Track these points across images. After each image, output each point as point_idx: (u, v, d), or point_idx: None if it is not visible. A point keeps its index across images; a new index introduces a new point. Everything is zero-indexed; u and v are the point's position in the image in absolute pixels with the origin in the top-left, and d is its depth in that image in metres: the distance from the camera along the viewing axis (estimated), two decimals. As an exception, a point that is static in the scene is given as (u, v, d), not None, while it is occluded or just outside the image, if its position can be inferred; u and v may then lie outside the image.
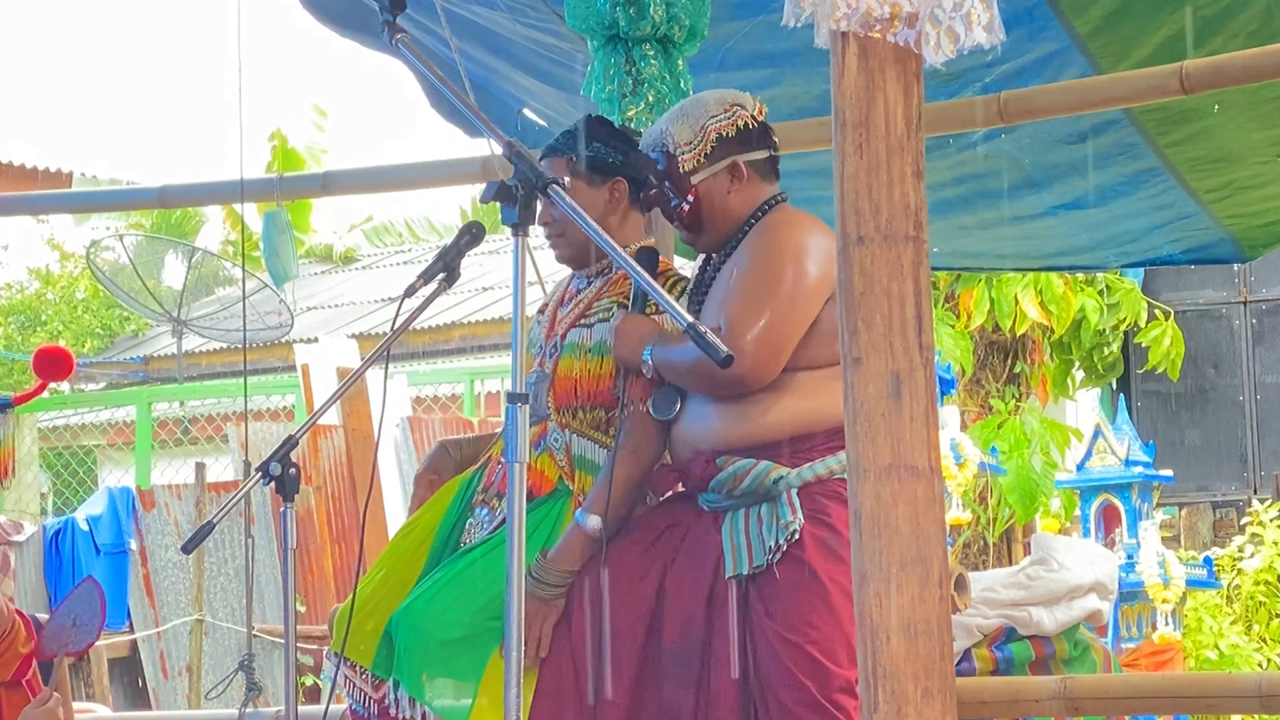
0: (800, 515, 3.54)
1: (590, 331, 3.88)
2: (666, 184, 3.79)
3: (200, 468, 10.22)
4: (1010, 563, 9.56)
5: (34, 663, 4.37)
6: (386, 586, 3.86)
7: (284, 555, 3.45)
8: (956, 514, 8.78)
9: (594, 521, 3.66)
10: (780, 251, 3.62)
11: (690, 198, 3.76)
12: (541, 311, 4.10)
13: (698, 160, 3.75)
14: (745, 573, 3.55)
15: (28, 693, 4.34)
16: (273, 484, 3.43)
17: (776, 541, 3.53)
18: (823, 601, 3.50)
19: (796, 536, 3.52)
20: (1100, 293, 10.50)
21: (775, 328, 3.56)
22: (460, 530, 3.94)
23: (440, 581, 3.77)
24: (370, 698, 3.78)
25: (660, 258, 3.96)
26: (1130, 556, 8.49)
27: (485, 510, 3.92)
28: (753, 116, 3.78)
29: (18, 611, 4.42)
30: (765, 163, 3.80)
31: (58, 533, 10.37)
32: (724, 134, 3.75)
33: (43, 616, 4.50)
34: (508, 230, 3.02)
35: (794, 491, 3.56)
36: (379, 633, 3.77)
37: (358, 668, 3.80)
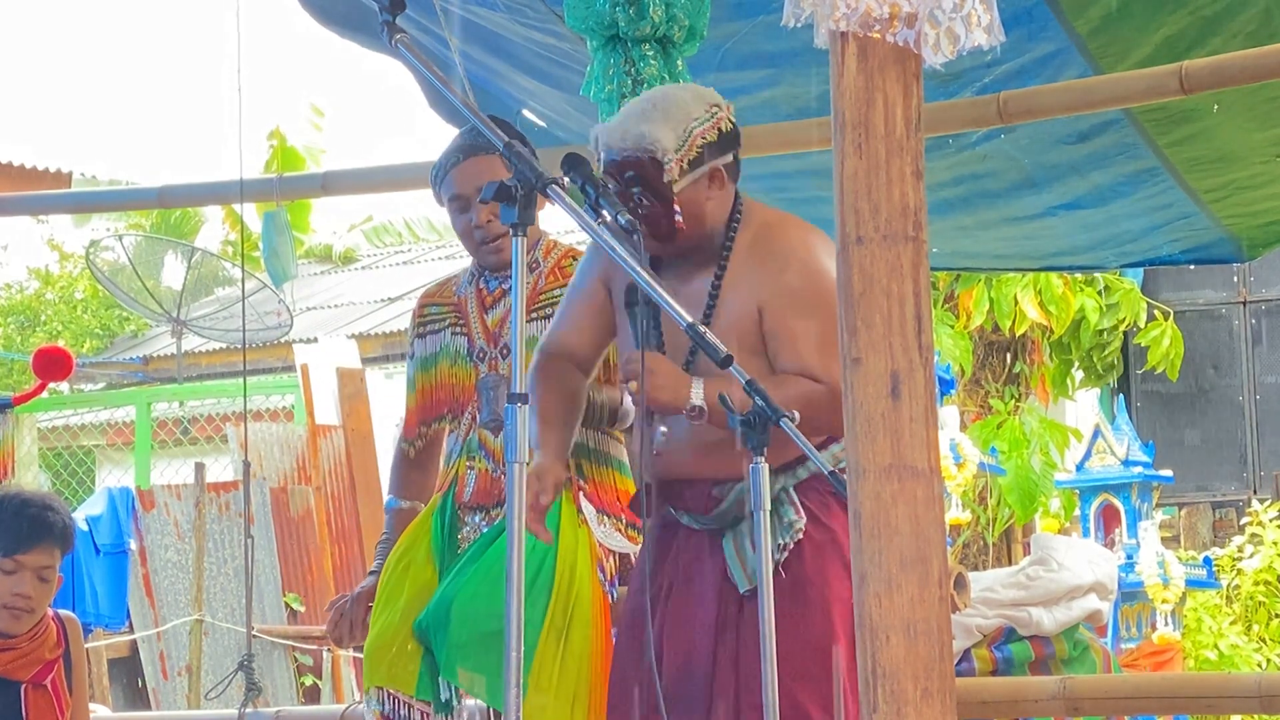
0: (803, 514, 3.48)
1: (548, 322, 3.85)
2: (637, 191, 3.41)
3: (200, 468, 10.20)
4: (1010, 563, 9.56)
5: (59, 666, 4.37)
6: (415, 612, 3.78)
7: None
8: (956, 514, 8.78)
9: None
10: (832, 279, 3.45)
11: (677, 209, 3.42)
12: (423, 329, 3.99)
13: (681, 168, 3.42)
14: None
15: (52, 696, 4.33)
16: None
17: (782, 541, 3.45)
18: (820, 605, 3.44)
19: (800, 535, 3.47)
20: (1100, 293, 10.50)
21: None
22: (455, 545, 3.88)
23: (476, 575, 3.69)
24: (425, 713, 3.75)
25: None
26: (1130, 556, 8.50)
27: (478, 517, 3.89)
28: (728, 117, 3.51)
29: (54, 615, 4.40)
30: (734, 164, 3.54)
31: (57, 532, 10.35)
32: (707, 139, 3.45)
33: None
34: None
35: (792, 490, 3.51)
36: (418, 656, 3.73)
37: (402, 698, 3.76)
